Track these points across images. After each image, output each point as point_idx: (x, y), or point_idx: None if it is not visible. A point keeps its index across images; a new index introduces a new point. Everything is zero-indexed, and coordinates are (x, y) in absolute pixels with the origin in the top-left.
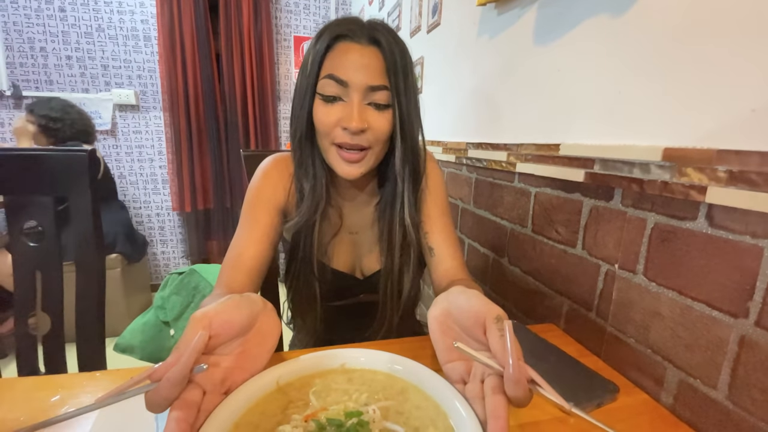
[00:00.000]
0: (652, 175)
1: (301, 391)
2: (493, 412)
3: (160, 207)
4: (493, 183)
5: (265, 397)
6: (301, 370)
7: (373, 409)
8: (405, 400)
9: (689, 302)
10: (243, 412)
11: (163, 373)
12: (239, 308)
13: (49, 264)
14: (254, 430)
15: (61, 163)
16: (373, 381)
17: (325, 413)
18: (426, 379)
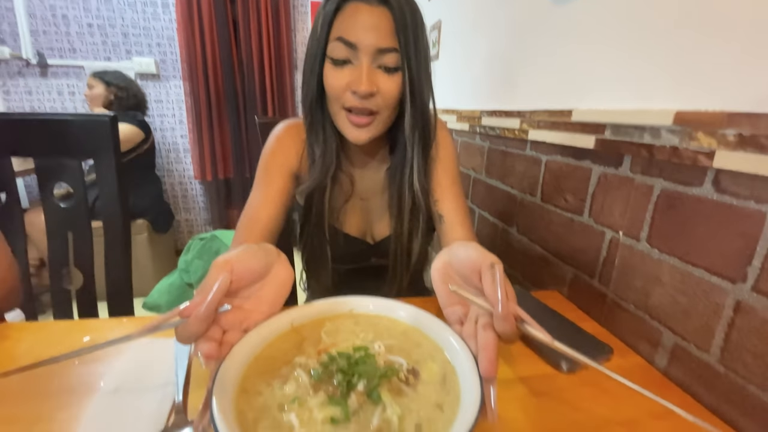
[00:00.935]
0: (662, 140)
1: (313, 331)
2: (483, 345)
3: (182, 176)
4: (506, 152)
5: (281, 336)
6: (313, 314)
7: (378, 345)
8: (406, 339)
9: (690, 269)
10: (262, 347)
11: (192, 311)
12: (256, 256)
13: (79, 223)
14: (272, 362)
15: (86, 128)
16: (378, 324)
17: (335, 348)
18: (425, 322)
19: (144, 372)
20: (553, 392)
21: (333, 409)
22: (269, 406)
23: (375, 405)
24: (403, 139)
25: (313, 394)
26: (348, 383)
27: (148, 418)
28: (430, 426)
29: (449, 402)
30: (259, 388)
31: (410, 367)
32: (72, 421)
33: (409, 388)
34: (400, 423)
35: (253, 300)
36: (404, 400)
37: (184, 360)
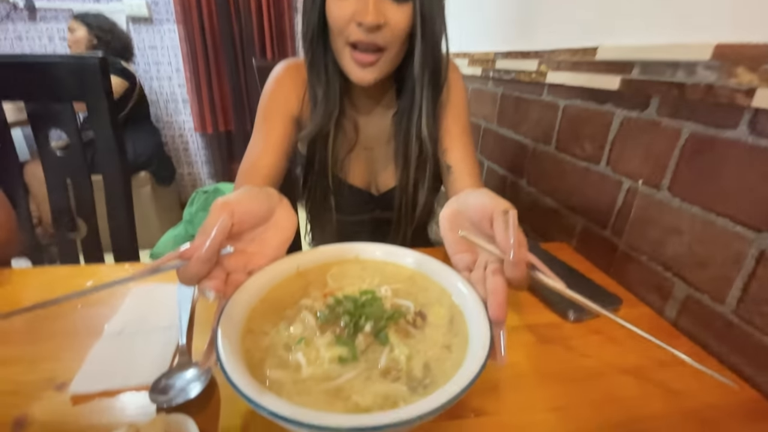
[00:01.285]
0: (696, 77)
1: (318, 276)
2: (492, 290)
3: (182, 128)
4: (520, 98)
5: (287, 279)
6: (319, 259)
7: (385, 289)
8: (413, 284)
9: (712, 217)
10: (267, 289)
11: (193, 252)
12: (258, 199)
13: (78, 171)
14: (278, 304)
15: (74, 70)
16: (384, 270)
17: (341, 292)
18: (432, 268)
19: (147, 315)
20: (560, 340)
21: (340, 349)
22: (275, 346)
23: (382, 345)
24: (411, 80)
25: (320, 335)
26: (355, 325)
27: (153, 359)
28: (439, 366)
29: (457, 343)
30: (264, 328)
31: (417, 310)
32: (75, 362)
33: (417, 330)
34: (408, 362)
35: (256, 244)
36: (412, 341)
37: (188, 303)
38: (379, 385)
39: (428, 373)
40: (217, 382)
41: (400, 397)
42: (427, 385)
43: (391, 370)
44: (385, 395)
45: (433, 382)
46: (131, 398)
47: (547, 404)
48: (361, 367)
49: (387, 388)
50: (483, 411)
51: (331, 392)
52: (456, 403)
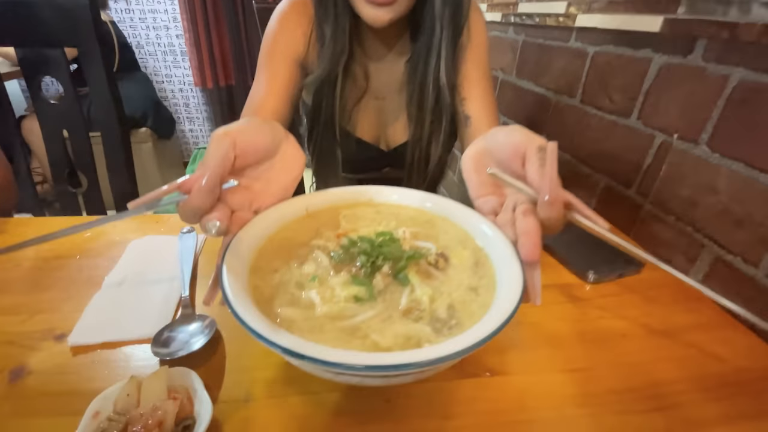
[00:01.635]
0: (752, 16)
1: (330, 218)
2: (524, 231)
3: (182, 81)
4: (543, 45)
5: (296, 220)
6: (330, 201)
7: (403, 231)
8: (432, 227)
9: (755, 174)
10: (275, 229)
11: (193, 183)
12: (262, 131)
13: (74, 121)
14: (288, 244)
15: (64, 10)
16: (399, 213)
17: (356, 233)
18: (452, 211)
19: (148, 268)
20: (578, 301)
21: (357, 289)
22: (286, 283)
23: (402, 286)
24: (430, 20)
25: (335, 274)
26: (372, 264)
27: (154, 311)
28: (464, 308)
29: (484, 285)
30: (274, 266)
31: (439, 252)
32: (75, 313)
33: (439, 271)
34: (431, 303)
35: (262, 181)
36: (434, 283)
37: (190, 256)
38: (400, 325)
39: (453, 314)
40: (222, 336)
41: (423, 337)
42: (452, 326)
43: (412, 310)
44: (406, 335)
45: (459, 323)
46: (133, 351)
47: (565, 365)
48: (379, 307)
49: (409, 328)
50: (498, 370)
51: (347, 330)
52: (471, 361)
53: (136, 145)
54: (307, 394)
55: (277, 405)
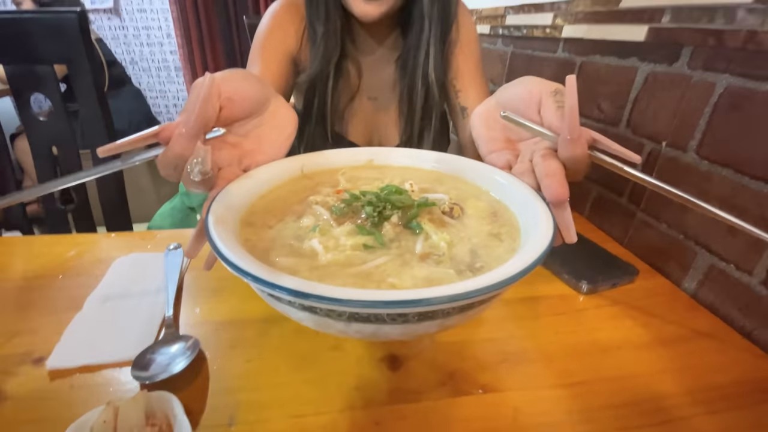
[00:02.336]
0: (737, 23)
1: (328, 178)
2: (548, 172)
3: (176, 97)
4: (532, 56)
5: (291, 180)
6: (327, 163)
7: (410, 183)
8: (441, 183)
9: (745, 180)
10: (268, 188)
11: (173, 129)
12: (248, 81)
13: (63, 139)
14: (282, 201)
15: (52, 26)
16: (405, 173)
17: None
18: (462, 167)
19: (132, 286)
20: (572, 313)
21: (364, 238)
22: (283, 236)
23: (415, 235)
24: (419, 18)
25: (337, 226)
26: (379, 215)
27: (136, 332)
28: (489, 252)
29: (507, 232)
30: (268, 222)
31: (454, 202)
32: (54, 335)
33: (455, 220)
34: (450, 249)
35: (251, 139)
36: (452, 230)
37: (175, 273)
38: (419, 269)
39: (477, 258)
40: (205, 356)
41: (446, 280)
42: (477, 269)
43: (430, 255)
44: (428, 278)
45: (486, 265)
46: (113, 374)
47: (559, 380)
48: (393, 253)
49: (429, 271)
50: (492, 387)
51: (361, 275)
52: (463, 378)
53: None
54: (295, 417)
55: (262, 429)
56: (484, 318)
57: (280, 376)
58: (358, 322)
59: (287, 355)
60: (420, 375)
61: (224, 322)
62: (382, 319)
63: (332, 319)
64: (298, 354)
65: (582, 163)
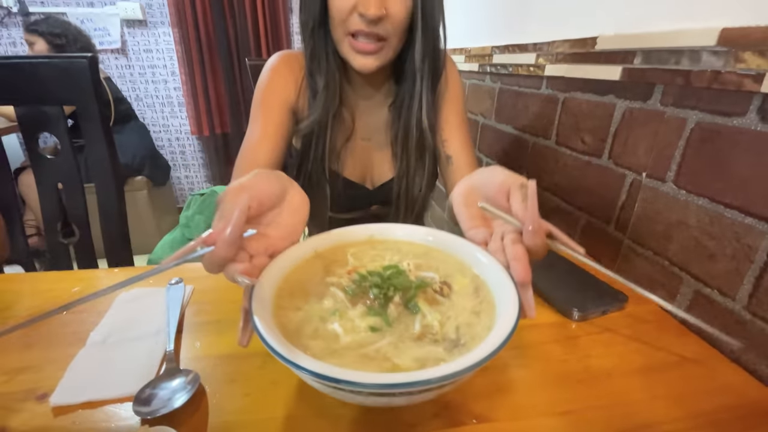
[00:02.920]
0: (702, 64)
1: (338, 256)
2: (514, 256)
3: (179, 131)
4: (518, 92)
5: (307, 261)
6: (335, 241)
7: (407, 263)
8: (431, 258)
9: (721, 209)
10: (289, 270)
11: (216, 237)
12: (269, 180)
13: (69, 175)
14: (303, 284)
15: (64, 70)
16: (400, 248)
17: (364, 269)
18: (447, 242)
19: (134, 322)
20: (564, 340)
21: (374, 319)
22: (311, 318)
23: (413, 314)
24: (411, 69)
25: (352, 307)
26: (385, 296)
27: (138, 367)
28: (470, 329)
29: (485, 309)
30: (296, 304)
31: (443, 280)
32: (58, 371)
33: (444, 298)
34: (441, 328)
35: (273, 227)
36: (442, 308)
37: (177, 308)
38: (416, 348)
39: (462, 336)
40: (205, 391)
41: (438, 358)
42: (461, 346)
43: (426, 334)
44: (423, 357)
45: (467, 343)
46: (115, 410)
47: (552, 408)
48: (395, 334)
49: (424, 351)
50: (485, 417)
51: (370, 356)
52: (457, 408)
53: (131, 193)
54: None
55: None
56: None
57: (278, 409)
58: (374, 396)
59: (285, 388)
60: (414, 406)
61: (224, 356)
62: (391, 395)
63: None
64: (295, 388)
65: (542, 248)
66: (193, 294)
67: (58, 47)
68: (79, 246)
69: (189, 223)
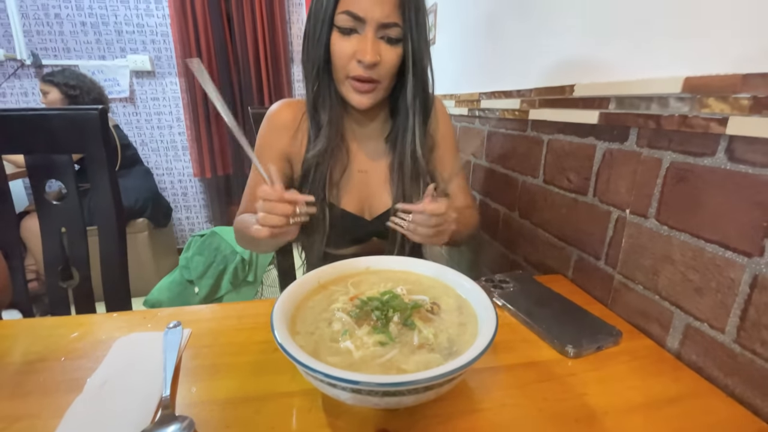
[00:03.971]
0: (670, 109)
1: (339, 285)
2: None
3: (182, 173)
4: (506, 134)
5: (313, 291)
6: (336, 272)
7: (401, 288)
8: (421, 284)
9: (702, 244)
10: (299, 300)
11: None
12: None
13: (73, 220)
14: (312, 312)
15: (75, 122)
16: (393, 277)
17: (364, 295)
18: (436, 271)
19: (131, 367)
20: (559, 377)
21: (379, 336)
22: (324, 339)
23: (411, 330)
24: (404, 106)
25: (358, 328)
26: (385, 317)
27: (134, 414)
28: (460, 338)
29: (470, 321)
30: (309, 329)
31: (432, 301)
32: (55, 419)
33: (435, 316)
34: (435, 339)
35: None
36: (434, 324)
37: (174, 352)
38: (418, 356)
39: (453, 343)
40: None
41: (436, 362)
42: (454, 352)
43: (424, 345)
44: (425, 362)
45: (459, 349)
46: None
47: None
48: (399, 347)
49: (425, 357)
50: None
51: (383, 365)
52: None
53: (132, 234)
54: None
55: None
56: (472, 388)
57: None
58: (387, 396)
59: None
60: None
61: (220, 401)
62: (402, 393)
63: (371, 396)
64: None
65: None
66: (191, 337)
67: (72, 98)
68: (78, 290)
69: (188, 264)
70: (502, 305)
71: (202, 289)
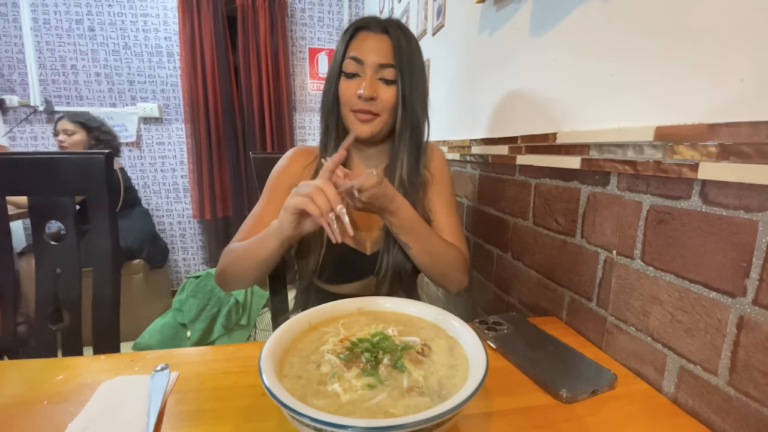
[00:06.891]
0: (645, 155)
1: (330, 327)
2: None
3: (181, 215)
4: (496, 178)
5: (303, 333)
6: (327, 314)
7: (391, 330)
8: (412, 325)
9: (687, 284)
10: (288, 343)
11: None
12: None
13: (69, 261)
14: (301, 353)
15: (82, 166)
16: (385, 317)
17: (354, 337)
18: (427, 312)
19: (114, 412)
20: (554, 423)
21: (368, 379)
22: (311, 383)
23: (401, 373)
24: (398, 138)
25: (347, 370)
26: (375, 359)
27: None
28: (449, 381)
29: (460, 364)
30: (297, 372)
31: (423, 343)
32: None
33: (426, 357)
34: (425, 382)
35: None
36: (424, 366)
37: (159, 397)
38: (408, 399)
39: (443, 387)
40: None
41: (425, 405)
42: (444, 395)
43: (414, 388)
44: (414, 406)
45: (449, 392)
46: None
47: None
48: (388, 390)
49: (414, 401)
50: None
51: (371, 409)
52: None
53: (127, 276)
54: None
55: None
56: None
57: None
58: None
59: None
60: None
61: None
62: None
63: None
64: None
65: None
66: (178, 380)
67: (100, 143)
68: (67, 332)
69: (182, 307)
70: (496, 348)
71: (195, 333)
